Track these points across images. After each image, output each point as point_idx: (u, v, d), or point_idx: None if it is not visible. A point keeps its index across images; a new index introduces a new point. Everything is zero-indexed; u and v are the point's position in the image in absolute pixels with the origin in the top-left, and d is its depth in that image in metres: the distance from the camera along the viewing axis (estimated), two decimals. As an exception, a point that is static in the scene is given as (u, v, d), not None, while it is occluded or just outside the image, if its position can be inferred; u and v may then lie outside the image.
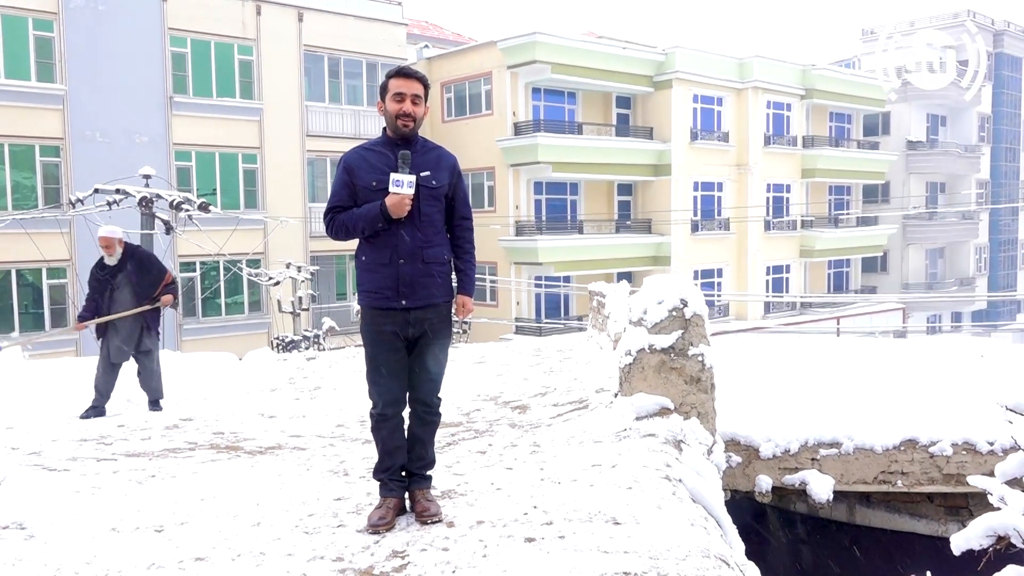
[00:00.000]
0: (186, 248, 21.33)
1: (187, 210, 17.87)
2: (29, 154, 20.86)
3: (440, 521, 3.52)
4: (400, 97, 3.49)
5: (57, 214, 19.19)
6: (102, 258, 7.41)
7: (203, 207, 18.00)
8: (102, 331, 7.43)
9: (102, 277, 7.38)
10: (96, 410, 7.24)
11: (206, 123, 23.08)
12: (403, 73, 3.54)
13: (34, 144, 20.81)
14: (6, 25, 20.25)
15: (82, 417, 7.06)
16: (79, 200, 17.20)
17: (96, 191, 16.95)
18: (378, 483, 3.65)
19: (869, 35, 40.90)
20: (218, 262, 22.55)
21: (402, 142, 3.52)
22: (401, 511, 3.63)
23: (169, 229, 17.72)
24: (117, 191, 17.06)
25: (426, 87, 3.57)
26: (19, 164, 20.82)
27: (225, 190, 23.57)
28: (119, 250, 7.35)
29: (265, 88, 24.12)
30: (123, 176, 18.32)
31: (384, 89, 3.54)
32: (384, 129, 3.59)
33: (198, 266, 23.24)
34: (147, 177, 17.63)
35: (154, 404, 7.60)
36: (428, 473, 3.73)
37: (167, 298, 7.51)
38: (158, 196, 17.45)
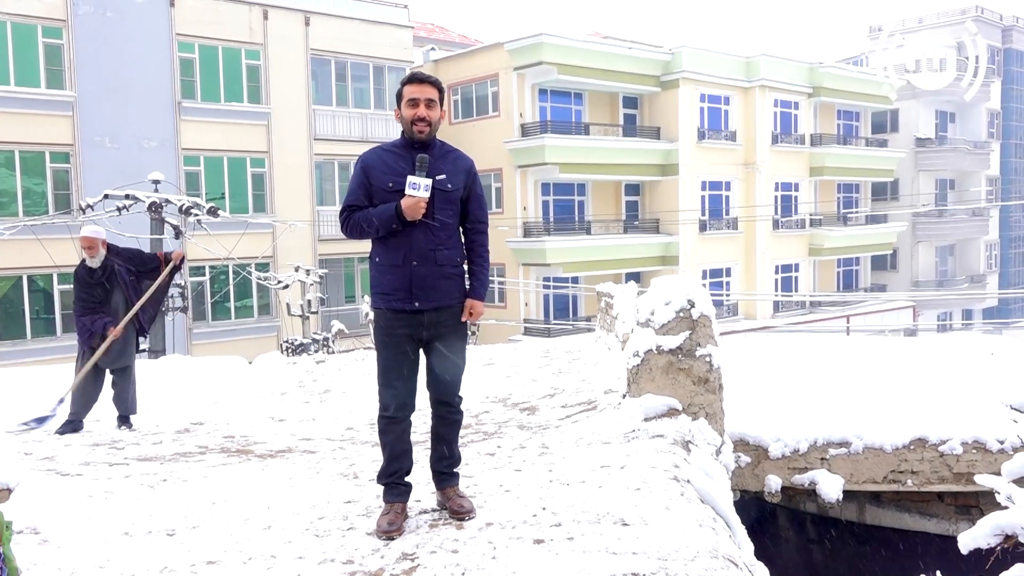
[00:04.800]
0: (195, 252, 21.41)
1: (196, 214, 17.98)
2: (39, 160, 21.00)
3: (475, 517, 3.56)
4: (414, 102, 3.51)
5: (67, 220, 19.31)
6: (84, 261, 6.79)
7: (212, 211, 18.11)
8: (89, 340, 6.69)
9: (93, 281, 6.74)
10: (73, 424, 6.65)
11: (214, 128, 23.19)
12: (416, 79, 3.58)
13: (44, 150, 20.95)
14: (16, 33, 20.40)
15: (58, 433, 6.48)
16: (89, 206, 17.33)
17: (106, 196, 17.07)
18: (383, 487, 3.65)
19: (876, 32, 40.75)
20: (227, 266, 22.65)
21: (419, 146, 3.54)
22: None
23: (178, 234, 17.82)
24: (127, 196, 17.18)
25: (440, 91, 3.60)
26: (30, 170, 20.96)
27: (233, 194, 23.68)
28: (102, 251, 6.79)
29: (273, 92, 24.22)
30: (133, 181, 18.46)
31: (399, 96, 3.58)
32: (403, 132, 3.62)
33: (207, 270, 23.34)
34: (156, 182, 17.77)
35: (123, 420, 6.94)
36: (456, 470, 3.76)
37: (178, 252, 7.00)
38: (167, 201, 17.57)
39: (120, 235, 17.59)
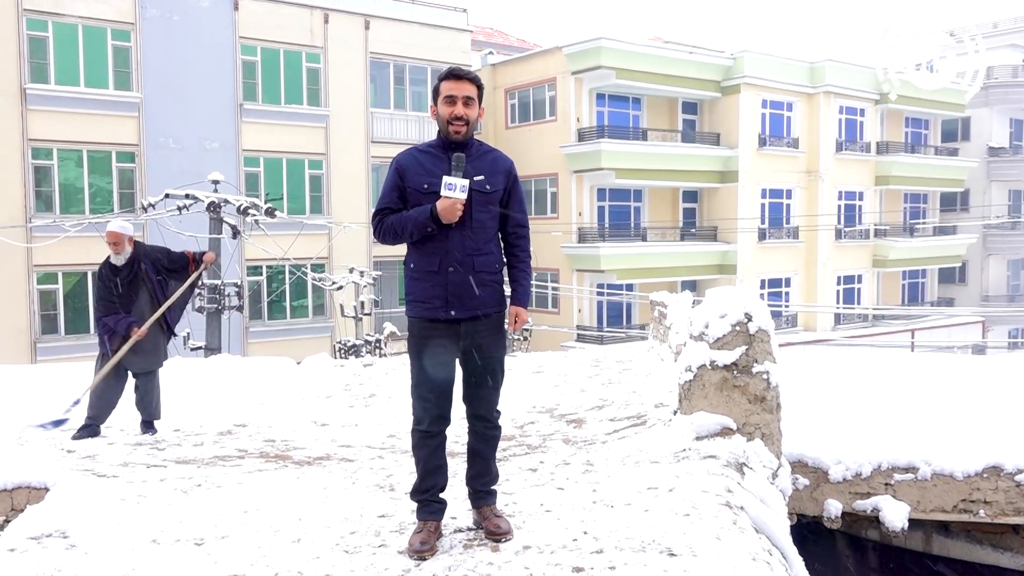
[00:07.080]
0: (252, 252, 21.74)
1: (254, 215, 18.18)
2: (106, 160, 21.57)
3: (512, 539, 3.37)
4: (451, 100, 3.33)
5: (130, 218, 19.74)
6: (109, 258, 6.57)
7: (269, 212, 18.29)
8: (111, 341, 6.43)
9: (114, 280, 6.48)
10: (90, 429, 6.40)
11: (274, 130, 23.52)
12: (454, 75, 3.38)
13: (111, 150, 21.51)
14: (86, 35, 20.98)
15: (74, 438, 6.25)
16: (151, 205, 17.67)
17: (167, 196, 17.38)
18: (416, 504, 3.49)
19: (951, 37, 39.37)
20: (283, 266, 22.91)
21: (456, 146, 3.37)
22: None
23: (236, 233, 18.04)
24: (187, 196, 17.45)
25: (479, 88, 3.40)
26: (97, 169, 21.55)
27: (292, 195, 23.97)
28: (128, 249, 6.53)
29: (332, 95, 24.46)
30: (194, 181, 18.79)
31: (436, 92, 3.40)
32: (439, 131, 3.45)
33: (264, 270, 23.67)
34: (216, 182, 18.01)
35: (147, 425, 6.66)
36: (493, 488, 3.58)
37: (209, 255, 6.70)
38: (226, 201, 17.79)
39: (180, 234, 17.98)
